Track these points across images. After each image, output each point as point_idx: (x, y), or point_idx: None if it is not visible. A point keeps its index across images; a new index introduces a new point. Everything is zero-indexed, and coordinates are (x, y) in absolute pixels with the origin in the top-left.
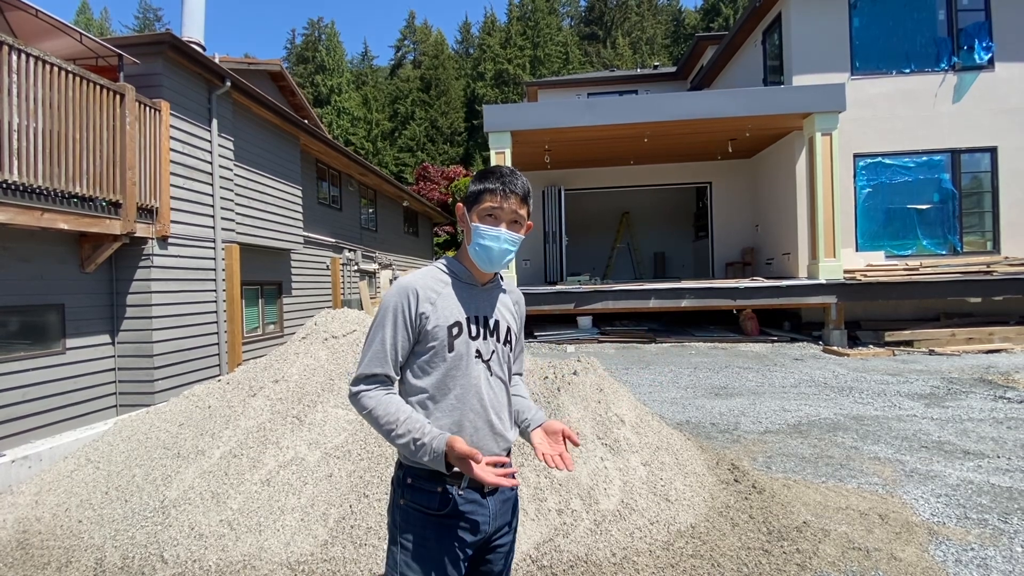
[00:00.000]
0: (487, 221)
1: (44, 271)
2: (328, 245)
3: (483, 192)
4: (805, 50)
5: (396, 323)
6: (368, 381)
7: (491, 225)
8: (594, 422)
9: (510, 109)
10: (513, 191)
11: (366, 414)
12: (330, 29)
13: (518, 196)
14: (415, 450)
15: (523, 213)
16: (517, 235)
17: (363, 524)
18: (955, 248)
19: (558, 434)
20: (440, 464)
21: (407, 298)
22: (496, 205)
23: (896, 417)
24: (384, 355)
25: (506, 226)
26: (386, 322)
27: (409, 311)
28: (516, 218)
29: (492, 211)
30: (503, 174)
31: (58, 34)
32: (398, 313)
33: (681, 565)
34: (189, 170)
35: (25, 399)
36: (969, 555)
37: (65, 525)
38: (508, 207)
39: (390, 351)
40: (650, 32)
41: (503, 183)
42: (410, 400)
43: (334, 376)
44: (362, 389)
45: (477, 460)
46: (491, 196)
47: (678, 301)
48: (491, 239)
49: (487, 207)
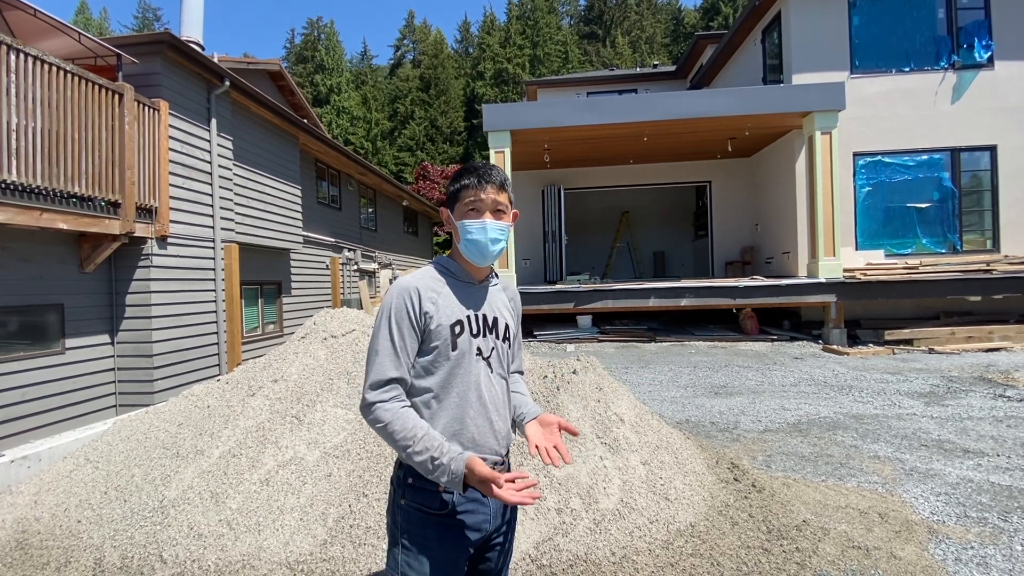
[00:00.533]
0: (470, 216)
1: (43, 271)
2: (328, 245)
3: (460, 189)
4: (805, 49)
5: (402, 324)
6: (384, 388)
7: (474, 218)
8: (593, 421)
9: (509, 108)
10: (489, 180)
11: (381, 427)
12: (329, 28)
13: (495, 184)
14: (432, 469)
15: (503, 200)
16: (503, 223)
17: (362, 524)
18: (955, 247)
19: (553, 425)
20: (458, 485)
21: (410, 298)
22: (475, 197)
23: (896, 416)
24: (396, 358)
25: (490, 215)
26: (392, 324)
27: (414, 311)
28: (498, 206)
29: (473, 204)
30: (476, 168)
31: (56, 33)
32: (403, 314)
33: (681, 564)
34: (188, 170)
35: (24, 399)
36: (969, 553)
37: (64, 525)
38: (487, 197)
39: (401, 353)
40: (649, 31)
41: (477, 175)
42: (413, 400)
43: (333, 376)
44: (378, 399)
45: (499, 484)
46: (468, 190)
47: (678, 300)
48: (478, 231)
49: (467, 201)
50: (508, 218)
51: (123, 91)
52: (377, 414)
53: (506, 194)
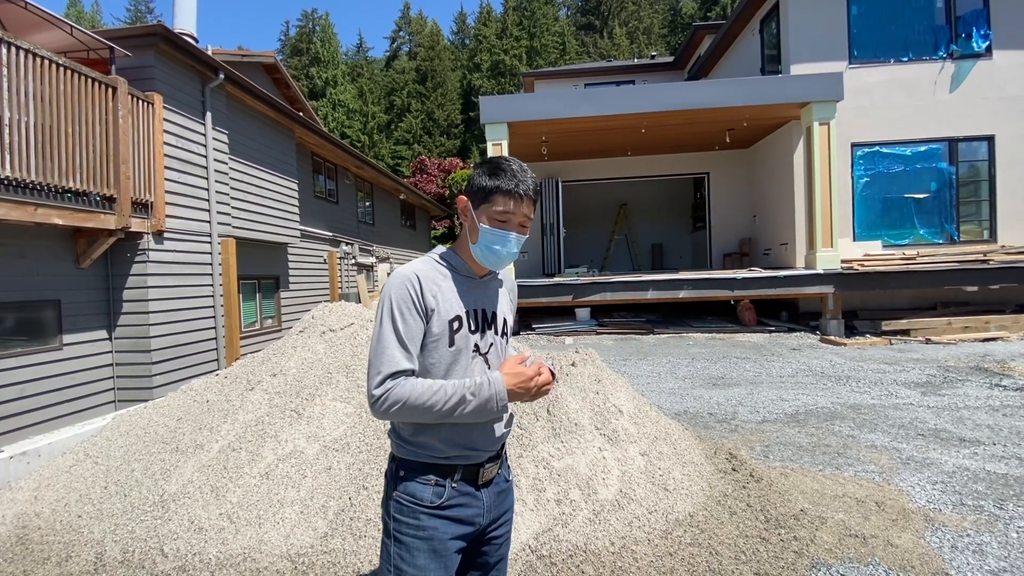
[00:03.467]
0: (497, 225)
1: (39, 267)
2: (325, 239)
3: (495, 192)
4: (803, 39)
5: (405, 313)
6: (393, 379)
7: (500, 228)
8: (592, 413)
9: (507, 100)
10: (527, 194)
11: (400, 406)
12: (324, 20)
13: (531, 200)
14: (479, 404)
15: (531, 215)
16: (524, 236)
17: (362, 516)
18: (952, 237)
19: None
20: (504, 400)
21: (413, 287)
22: (509, 210)
23: (893, 405)
24: (403, 347)
25: (515, 228)
26: (395, 313)
27: (417, 299)
28: (525, 221)
29: (504, 216)
30: (515, 173)
31: (48, 26)
32: (406, 302)
33: (679, 554)
34: (184, 164)
35: (22, 395)
36: (965, 541)
37: (64, 520)
38: (520, 211)
39: (409, 344)
40: (647, 22)
41: (516, 184)
42: None
43: (332, 369)
44: (387, 388)
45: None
46: (504, 198)
47: (676, 292)
48: (501, 243)
49: (499, 210)
50: (528, 229)
51: (116, 84)
52: (395, 395)
53: (534, 207)
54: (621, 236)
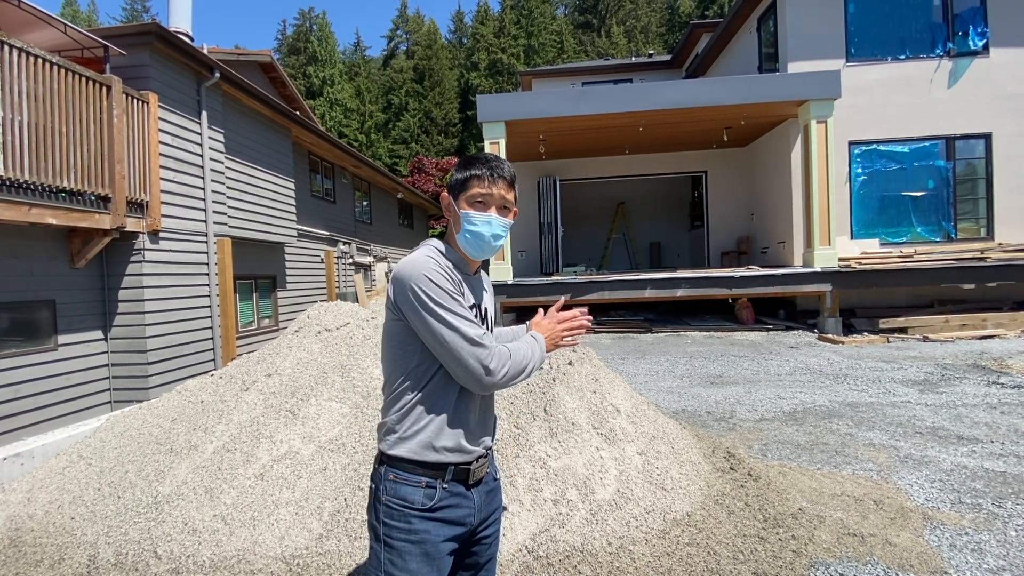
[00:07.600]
0: (476, 208)
1: (34, 267)
2: (322, 238)
3: (470, 179)
4: (800, 37)
5: (455, 296)
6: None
7: (480, 211)
8: (590, 412)
9: (504, 99)
10: (501, 175)
11: (507, 369)
12: (321, 19)
13: (506, 180)
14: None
15: (511, 198)
16: (507, 220)
17: (358, 517)
18: (949, 235)
19: None
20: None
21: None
22: (485, 191)
23: (891, 403)
24: (471, 322)
25: (496, 211)
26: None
27: (453, 282)
28: (505, 203)
29: (481, 197)
30: (487, 159)
31: (42, 25)
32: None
33: (677, 553)
34: (179, 163)
35: (16, 396)
36: (964, 539)
37: (58, 522)
38: (497, 192)
39: (471, 316)
40: (645, 20)
41: (489, 168)
42: (407, 383)
43: (327, 369)
44: (497, 358)
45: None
46: (478, 182)
47: (674, 291)
48: (482, 224)
49: (475, 193)
50: (511, 216)
51: (111, 83)
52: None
53: (514, 192)
54: (619, 235)
